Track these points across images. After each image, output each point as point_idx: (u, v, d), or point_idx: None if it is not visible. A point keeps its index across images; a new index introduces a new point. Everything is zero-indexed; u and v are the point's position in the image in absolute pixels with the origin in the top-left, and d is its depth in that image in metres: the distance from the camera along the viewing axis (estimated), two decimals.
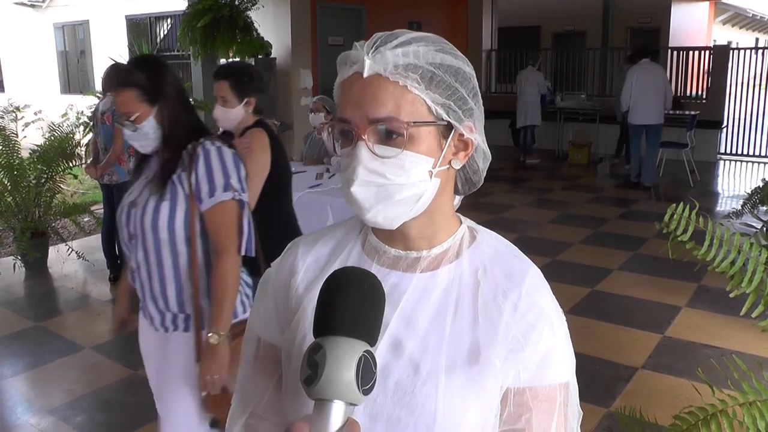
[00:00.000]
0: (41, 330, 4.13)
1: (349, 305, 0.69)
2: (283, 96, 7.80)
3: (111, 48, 10.03)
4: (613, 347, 3.69)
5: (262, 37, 7.35)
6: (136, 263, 1.89)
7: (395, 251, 0.88)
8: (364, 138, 0.78)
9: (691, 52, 10.94)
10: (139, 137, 1.85)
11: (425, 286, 0.85)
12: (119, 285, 2.18)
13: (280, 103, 7.75)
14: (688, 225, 1.63)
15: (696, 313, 4.18)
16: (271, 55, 7.61)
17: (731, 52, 10.04)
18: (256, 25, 7.26)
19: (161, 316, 1.91)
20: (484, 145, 0.88)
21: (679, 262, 1.85)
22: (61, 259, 5.39)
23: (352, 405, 0.67)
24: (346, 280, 0.72)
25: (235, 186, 1.86)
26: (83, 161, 5.74)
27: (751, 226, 4.08)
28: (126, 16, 11.42)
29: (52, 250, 5.54)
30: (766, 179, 4.49)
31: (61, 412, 3.14)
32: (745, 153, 10.11)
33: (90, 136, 5.29)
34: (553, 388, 0.83)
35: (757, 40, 21.76)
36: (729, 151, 10.17)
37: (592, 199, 7.68)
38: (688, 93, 10.76)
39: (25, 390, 3.46)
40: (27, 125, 8.76)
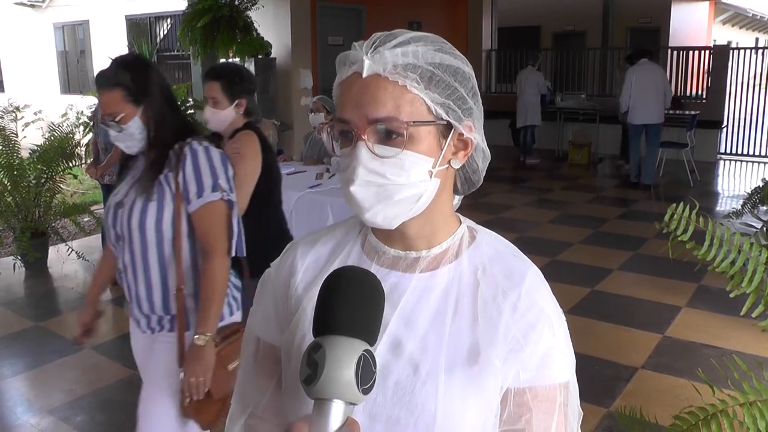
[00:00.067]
0: (41, 330, 4.12)
1: (349, 304, 0.69)
2: (283, 96, 7.80)
3: (111, 48, 10.00)
4: (613, 347, 3.69)
5: (262, 37, 7.35)
6: (123, 265, 1.87)
7: (395, 251, 0.88)
8: (363, 138, 0.78)
9: (691, 52, 10.94)
10: (124, 138, 1.81)
11: (425, 286, 0.85)
12: (89, 290, 2.13)
13: (280, 103, 7.75)
14: (688, 225, 1.62)
15: (696, 313, 4.17)
16: (271, 55, 7.61)
17: (731, 51, 10.04)
18: (256, 25, 7.26)
19: (147, 319, 1.89)
20: (484, 145, 0.88)
21: (679, 262, 1.85)
22: (61, 259, 5.39)
23: (352, 404, 0.67)
24: (345, 279, 0.72)
25: (224, 186, 1.84)
26: (83, 161, 5.74)
27: (751, 226, 4.08)
28: (126, 16, 11.42)
29: (52, 250, 5.54)
30: (766, 179, 4.49)
31: (61, 412, 3.14)
32: (745, 153, 10.11)
33: (90, 136, 5.30)
34: (553, 388, 0.83)
35: (757, 40, 21.76)
36: (729, 151, 10.17)
37: (592, 199, 7.68)
38: (688, 93, 10.76)
39: (25, 390, 3.46)
40: (27, 125, 8.77)
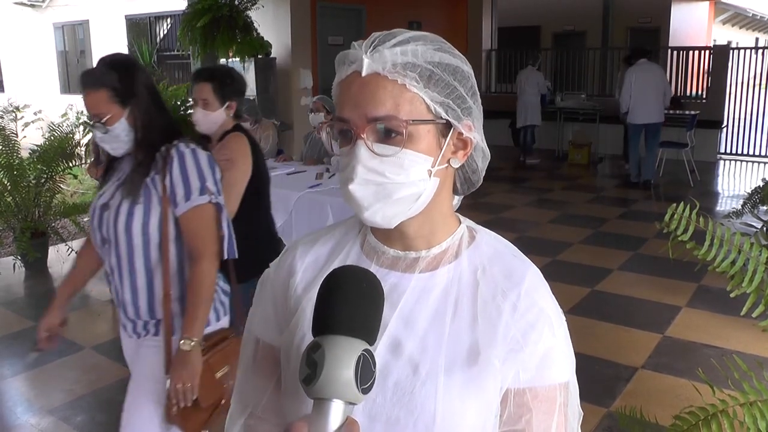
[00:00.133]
0: None
1: (348, 304, 0.69)
2: (283, 96, 7.80)
3: (111, 48, 9.98)
4: (613, 347, 3.69)
5: (262, 37, 7.35)
6: (110, 268, 1.84)
7: (394, 251, 0.87)
8: (363, 137, 0.78)
9: (691, 52, 10.94)
10: (110, 139, 1.78)
11: (424, 287, 0.85)
12: (60, 290, 2.05)
13: (280, 103, 7.75)
14: (688, 225, 1.62)
15: (696, 313, 4.17)
16: (271, 55, 7.61)
17: (731, 51, 10.04)
18: (256, 24, 7.26)
19: (133, 323, 1.87)
20: (483, 144, 0.88)
21: (680, 262, 1.84)
22: (61, 259, 5.39)
23: (352, 404, 0.67)
24: (344, 278, 0.71)
25: (211, 189, 1.81)
26: (83, 161, 5.73)
27: (752, 226, 4.08)
28: (126, 16, 11.42)
29: (52, 250, 5.54)
30: (766, 179, 4.49)
31: (61, 412, 3.14)
32: (745, 153, 10.11)
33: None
34: (553, 388, 0.83)
35: (757, 40, 21.76)
36: (729, 150, 10.17)
37: (592, 199, 7.67)
38: (688, 93, 10.76)
39: (25, 390, 3.46)
40: (27, 125, 8.75)
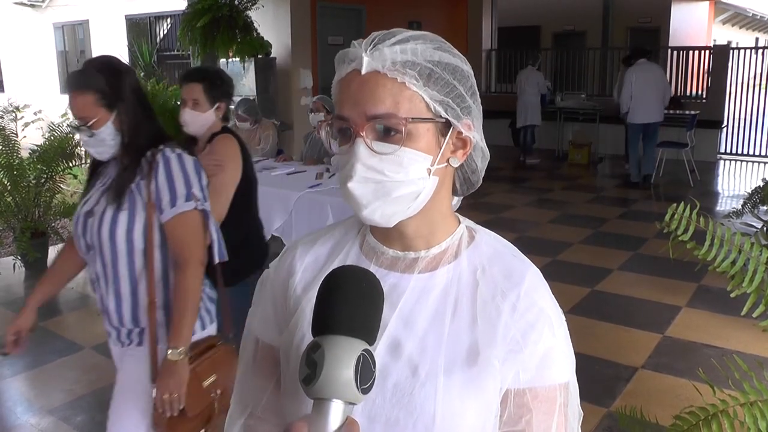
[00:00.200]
0: (41, 330, 4.12)
1: (348, 304, 0.69)
2: (283, 96, 7.80)
3: (111, 48, 10.03)
4: (613, 347, 3.69)
5: (262, 37, 7.35)
6: (96, 275, 1.81)
7: (393, 252, 0.87)
8: (362, 135, 0.78)
9: (691, 52, 10.94)
10: (95, 143, 1.74)
11: (424, 287, 0.84)
12: (36, 290, 1.96)
13: (280, 103, 7.75)
14: (688, 225, 1.62)
15: (696, 313, 4.17)
16: (271, 55, 7.62)
17: (731, 51, 10.03)
18: (256, 24, 7.26)
19: (117, 331, 1.84)
20: (483, 144, 0.88)
21: (680, 262, 1.84)
22: None
23: (351, 404, 0.67)
24: (344, 278, 0.71)
25: (197, 195, 1.77)
26: (83, 161, 5.73)
27: (752, 226, 4.08)
28: (126, 16, 11.42)
29: (52, 250, 5.53)
30: (766, 179, 4.49)
31: (61, 412, 3.14)
32: (745, 153, 10.11)
33: None
34: (553, 388, 0.83)
35: (757, 39, 21.75)
36: (729, 150, 10.17)
37: (592, 199, 7.67)
38: (688, 93, 10.76)
39: (25, 390, 3.46)
40: (27, 125, 8.74)
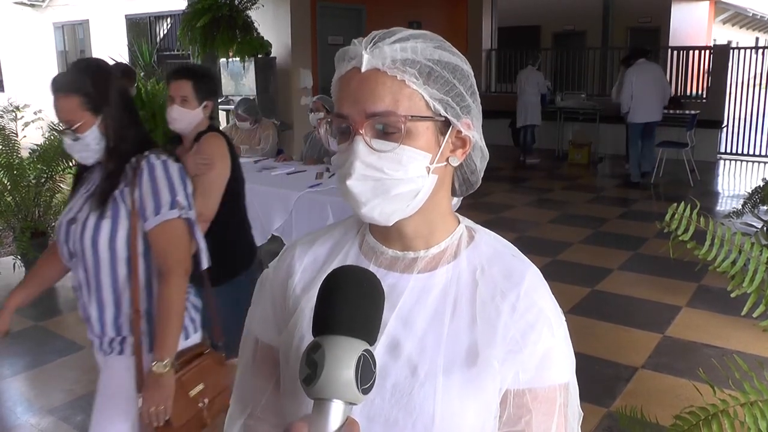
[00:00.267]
0: (41, 330, 4.12)
1: (348, 304, 0.68)
2: (283, 96, 7.80)
3: (111, 48, 10.05)
4: (613, 347, 3.69)
5: (262, 37, 7.35)
6: (78, 283, 1.78)
7: (392, 252, 0.87)
8: (361, 132, 0.78)
9: (691, 52, 10.93)
10: (80, 148, 1.70)
11: (423, 287, 0.84)
12: (10, 298, 1.90)
13: (280, 103, 7.75)
14: (689, 224, 1.62)
15: (696, 313, 4.17)
16: (271, 55, 7.62)
17: (731, 51, 10.03)
18: (256, 24, 7.26)
19: (99, 340, 1.82)
20: (482, 144, 0.88)
21: (680, 262, 1.84)
22: None
23: (351, 404, 0.66)
24: (345, 278, 0.71)
25: (182, 203, 1.73)
26: None
27: (752, 226, 4.08)
28: (126, 16, 11.42)
29: None
30: (766, 179, 4.48)
31: (61, 412, 3.14)
32: (745, 153, 10.10)
33: None
34: (553, 389, 0.83)
35: (757, 39, 21.74)
36: (729, 150, 10.17)
37: (592, 199, 7.67)
38: (688, 93, 10.76)
39: (25, 390, 3.46)
40: (27, 125, 8.74)
